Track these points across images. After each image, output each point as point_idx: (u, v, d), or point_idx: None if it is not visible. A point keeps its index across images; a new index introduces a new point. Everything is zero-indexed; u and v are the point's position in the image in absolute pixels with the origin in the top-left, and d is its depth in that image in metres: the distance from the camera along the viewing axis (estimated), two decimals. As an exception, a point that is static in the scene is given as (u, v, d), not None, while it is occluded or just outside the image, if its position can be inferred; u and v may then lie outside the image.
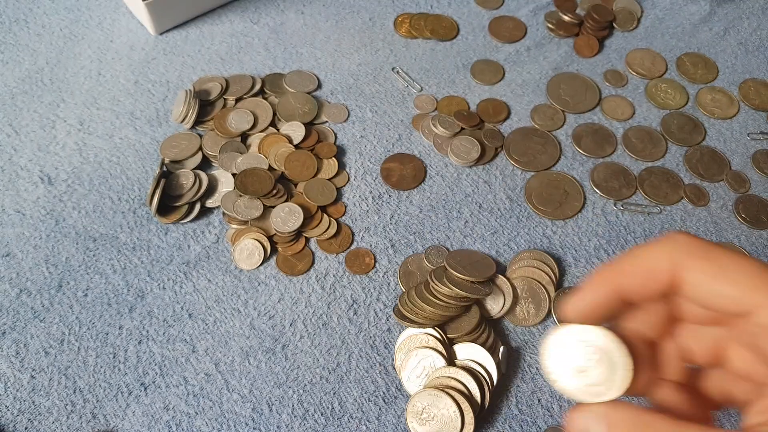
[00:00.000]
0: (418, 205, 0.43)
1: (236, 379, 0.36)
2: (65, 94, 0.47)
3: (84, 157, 0.44)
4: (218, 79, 0.48)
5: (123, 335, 0.37)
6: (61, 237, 0.40)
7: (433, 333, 0.36)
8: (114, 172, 0.43)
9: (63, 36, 0.51)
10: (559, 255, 0.41)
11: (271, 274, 0.40)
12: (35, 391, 0.35)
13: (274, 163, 0.43)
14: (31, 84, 0.48)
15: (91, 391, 0.35)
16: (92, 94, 0.47)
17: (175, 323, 0.37)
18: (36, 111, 0.46)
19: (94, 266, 0.39)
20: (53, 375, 0.35)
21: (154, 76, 0.49)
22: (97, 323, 0.37)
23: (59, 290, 0.38)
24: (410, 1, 0.55)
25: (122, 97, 0.47)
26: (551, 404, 0.36)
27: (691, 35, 0.55)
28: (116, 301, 0.38)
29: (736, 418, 0.35)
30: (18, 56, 0.49)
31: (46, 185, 0.43)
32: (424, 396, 0.33)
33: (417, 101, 0.48)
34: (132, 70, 0.49)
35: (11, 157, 0.44)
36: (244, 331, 0.37)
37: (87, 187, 0.43)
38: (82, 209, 0.42)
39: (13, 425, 0.34)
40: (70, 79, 0.48)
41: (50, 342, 0.36)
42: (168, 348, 0.36)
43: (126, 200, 0.42)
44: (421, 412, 0.33)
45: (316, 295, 0.39)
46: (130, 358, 0.36)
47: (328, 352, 0.37)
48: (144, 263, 0.40)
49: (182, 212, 0.41)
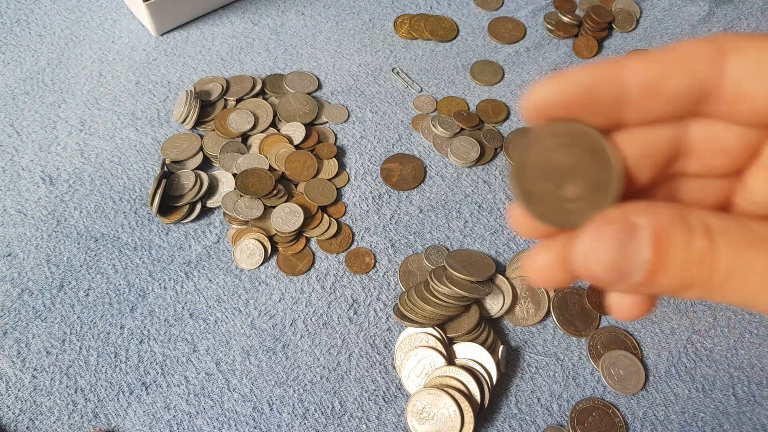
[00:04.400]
0: (418, 205, 0.43)
1: (237, 378, 0.36)
2: (66, 95, 0.47)
3: (85, 157, 0.44)
4: (219, 79, 0.48)
5: (124, 335, 0.37)
6: (62, 237, 0.40)
7: (433, 332, 0.36)
8: (115, 173, 0.43)
9: (64, 37, 0.51)
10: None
11: (271, 273, 0.40)
12: (37, 390, 0.35)
13: (274, 163, 0.43)
14: (32, 84, 0.48)
15: (93, 391, 0.35)
16: (93, 94, 0.47)
17: (176, 323, 0.38)
18: (37, 111, 0.46)
19: (95, 266, 0.39)
20: (55, 375, 0.35)
21: (155, 76, 0.49)
22: (98, 323, 0.37)
23: (61, 290, 0.38)
24: (410, 2, 0.56)
25: (123, 98, 0.47)
26: (551, 403, 0.36)
27: (690, 36, 0.55)
28: (117, 301, 0.38)
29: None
30: (19, 57, 0.50)
31: (47, 185, 0.43)
32: (424, 395, 0.33)
33: (417, 102, 0.48)
34: (133, 70, 0.49)
35: (13, 157, 0.44)
36: (244, 330, 0.38)
37: (88, 187, 0.43)
38: (84, 209, 0.42)
39: (14, 425, 0.34)
40: (72, 80, 0.48)
41: (52, 342, 0.37)
42: (169, 347, 0.37)
43: (127, 200, 0.42)
44: (421, 411, 0.33)
45: (316, 294, 0.39)
46: (132, 357, 0.36)
47: (329, 352, 0.37)
48: (145, 263, 0.40)
49: (183, 212, 0.41)
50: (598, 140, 0.15)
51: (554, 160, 0.15)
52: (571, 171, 0.15)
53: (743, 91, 0.14)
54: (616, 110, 0.15)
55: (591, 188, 0.15)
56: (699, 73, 0.14)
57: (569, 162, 0.15)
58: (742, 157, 0.16)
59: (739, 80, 0.14)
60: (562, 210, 0.15)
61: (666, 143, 0.16)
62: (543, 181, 0.15)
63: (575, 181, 0.15)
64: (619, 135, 0.16)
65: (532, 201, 0.15)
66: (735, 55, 0.14)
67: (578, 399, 0.36)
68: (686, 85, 0.14)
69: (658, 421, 0.35)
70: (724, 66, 0.14)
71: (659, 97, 0.15)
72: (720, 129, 0.15)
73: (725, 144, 0.15)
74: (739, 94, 0.14)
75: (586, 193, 0.15)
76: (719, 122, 0.15)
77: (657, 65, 0.14)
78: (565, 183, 0.15)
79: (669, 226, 0.13)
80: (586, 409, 0.35)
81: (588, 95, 0.15)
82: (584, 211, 0.15)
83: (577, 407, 0.35)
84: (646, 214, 0.13)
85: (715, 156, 0.16)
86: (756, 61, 0.14)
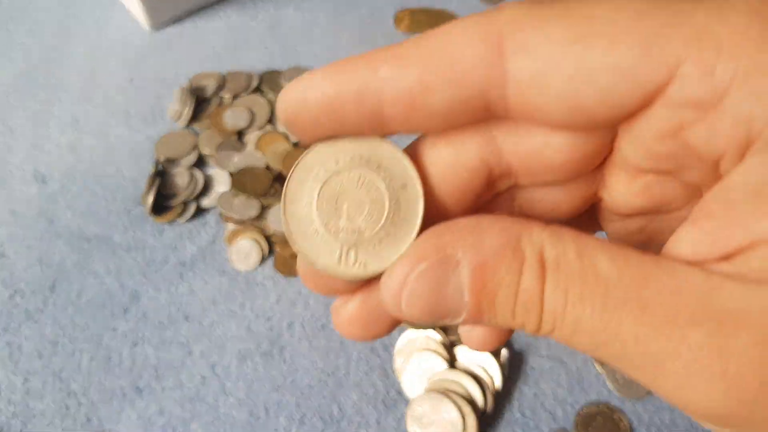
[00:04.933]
0: (419, 204, 0.42)
1: (233, 382, 0.35)
2: (59, 92, 0.47)
3: (78, 155, 0.43)
4: (214, 75, 0.47)
5: (117, 337, 0.36)
6: (54, 237, 0.40)
7: (434, 335, 0.35)
8: (108, 171, 0.43)
9: (57, 32, 0.50)
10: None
11: (268, 275, 0.39)
12: (29, 394, 0.34)
13: (271, 161, 0.42)
14: (24, 81, 0.47)
15: (86, 395, 0.34)
16: (86, 91, 0.47)
17: (170, 325, 0.37)
18: (29, 109, 0.46)
19: (88, 267, 0.39)
20: (47, 378, 0.35)
21: (148, 73, 0.48)
22: (91, 325, 0.37)
23: (53, 291, 0.38)
24: (410, -4, 0.55)
25: (116, 95, 0.47)
26: (555, 408, 0.35)
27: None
28: (110, 303, 0.37)
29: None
30: (11, 53, 0.49)
31: (39, 184, 0.42)
32: (425, 400, 0.33)
33: (417, 98, 0.47)
34: (126, 67, 0.48)
35: (4, 155, 0.43)
36: (240, 333, 0.37)
37: (81, 186, 0.42)
38: (76, 209, 0.41)
39: (7, 428, 0.33)
40: (64, 77, 0.47)
41: (44, 344, 0.36)
42: (163, 350, 0.36)
43: (120, 200, 0.41)
44: (422, 416, 0.32)
45: (314, 296, 0.38)
46: (125, 360, 0.35)
47: (327, 355, 0.36)
48: (139, 264, 0.39)
49: (178, 212, 0.40)
50: (392, 161, 0.12)
51: (341, 192, 0.12)
52: (362, 203, 0.12)
53: (531, 102, 0.11)
54: (378, 125, 0.12)
55: (392, 222, 0.12)
56: (471, 84, 0.11)
57: (360, 193, 0.12)
58: (584, 163, 0.12)
59: (523, 89, 0.11)
60: (358, 252, 0.12)
61: (474, 165, 0.12)
62: (329, 220, 0.12)
63: (370, 215, 0.12)
64: (423, 147, 0.13)
65: (318, 250, 0.12)
66: (515, 51, 0.11)
67: (583, 403, 0.35)
68: (457, 99, 0.11)
69: (664, 426, 0.35)
70: (504, 69, 0.11)
71: (424, 112, 0.11)
72: (539, 139, 0.12)
73: (548, 159, 0.12)
74: (529, 105, 0.11)
75: (387, 229, 0.12)
76: (537, 129, 0.12)
77: (414, 73, 0.11)
78: (356, 218, 0.12)
79: (494, 260, 0.11)
80: (590, 413, 0.35)
81: (333, 110, 0.11)
82: (385, 250, 0.12)
83: (582, 412, 0.35)
84: (468, 243, 0.11)
85: (541, 171, 0.12)
86: (540, 57, 0.10)
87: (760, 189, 0.10)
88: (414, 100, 0.11)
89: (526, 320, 0.11)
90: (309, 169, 0.12)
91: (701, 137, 0.11)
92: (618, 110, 0.11)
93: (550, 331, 0.11)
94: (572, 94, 0.10)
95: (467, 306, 0.11)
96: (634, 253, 0.10)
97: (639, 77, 0.10)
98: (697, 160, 0.11)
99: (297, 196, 0.12)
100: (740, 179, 0.10)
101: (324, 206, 0.12)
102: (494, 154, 0.12)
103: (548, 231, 0.11)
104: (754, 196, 0.10)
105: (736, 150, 0.10)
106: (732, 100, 0.10)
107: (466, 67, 0.11)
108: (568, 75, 0.10)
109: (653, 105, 0.11)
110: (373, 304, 0.13)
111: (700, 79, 0.10)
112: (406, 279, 0.11)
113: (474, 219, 0.11)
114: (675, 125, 0.11)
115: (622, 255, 0.10)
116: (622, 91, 0.10)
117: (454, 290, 0.11)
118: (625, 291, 0.10)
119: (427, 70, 0.11)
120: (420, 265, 0.11)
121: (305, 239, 0.12)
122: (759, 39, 0.10)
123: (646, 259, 0.10)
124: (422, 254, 0.11)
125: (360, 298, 0.13)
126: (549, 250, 0.10)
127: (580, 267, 0.10)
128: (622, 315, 0.10)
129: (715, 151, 0.11)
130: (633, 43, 0.10)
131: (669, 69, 0.10)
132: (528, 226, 0.11)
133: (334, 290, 0.13)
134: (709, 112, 0.10)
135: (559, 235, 0.11)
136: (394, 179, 0.12)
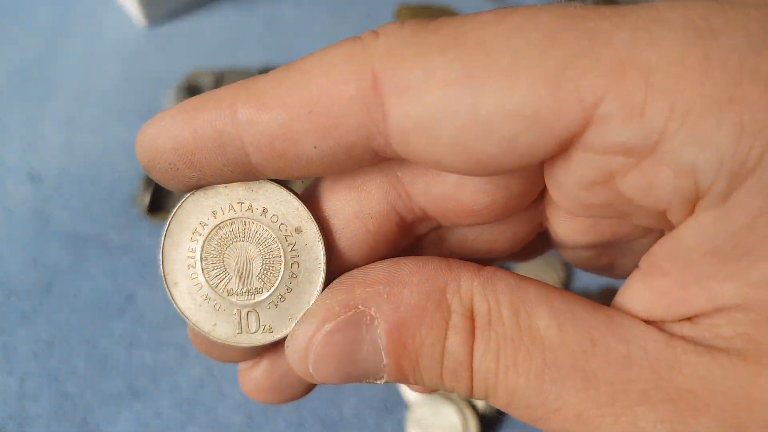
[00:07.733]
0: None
1: (230, 385, 0.35)
2: (54, 90, 0.46)
3: (73, 154, 0.43)
4: (211, 73, 0.46)
5: (113, 339, 0.36)
6: (49, 237, 0.39)
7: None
8: (104, 170, 0.42)
9: (51, 30, 0.50)
10: (564, 254, 0.40)
11: (266, 275, 0.39)
12: (25, 396, 0.34)
13: (269, 160, 0.42)
14: (18, 80, 0.47)
15: (81, 397, 0.34)
16: (81, 89, 0.46)
17: (166, 327, 0.36)
18: (24, 107, 0.45)
19: (83, 268, 0.38)
20: (42, 380, 0.35)
21: (144, 70, 0.47)
22: (87, 327, 0.36)
23: (48, 293, 0.37)
24: (410, -9, 0.54)
25: (112, 93, 0.46)
26: (556, 410, 0.35)
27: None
28: (106, 304, 0.37)
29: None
30: (5, 51, 0.48)
31: (34, 184, 0.42)
32: (426, 403, 0.32)
33: (417, 95, 0.47)
34: (122, 64, 0.48)
35: (-1, 155, 0.43)
36: (238, 334, 0.36)
37: (76, 185, 0.42)
38: (72, 209, 0.41)
39: (2, 431, 0.33)
40: (59, 75, 0.47)
41: (39, 346, 0.36)
42: (160, 352, 0.36)
43: (116, 199, 0.41)
44: (422, 420, 0.32)
45: (312, 297, 0.38)
46: (121, 363, 0.35)
47: (325, 357, 0.36)
48: (135, 264, 0.39)
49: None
50: (280, 203, 0.10)
51: (226, 248, 0.11)
52: (252, 258, 0.10)
53: (421, 152, 0.09)
54: (247, 172, 0.10)
55: (292, 275, 0.10)
56: (345, 132, 0.09)
57: (248, 247, 0.10)
58: (511, 203, 0.11)
59: (408, 138, 0.09)
60: (259, 315, 0.10)
61: (380, 210, 0.11)
62: (218, 283, 0.11)
63: (265, 271, 0.10)
64: (321, 190, 0.11)
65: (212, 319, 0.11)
66: (393, 93, 0.09)
67: (585, 405, 0.35)
68: (329, 150, 0.09)
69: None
70: (384, 114, 0.09)
71: (296, 162, 0.10)
72: (450, 182, 0.10)
73: (465, 202, 0.10)
74: (419, 155, 0.09)
75: (287, 283, 0.10)
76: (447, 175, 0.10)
77: (274, 118, 0.09)
78: (249, 276, 0.10)
79: (413, 317, 0.09)
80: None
81: (191, 157, 0.10)
82: (291, 308, 0.10)
83: (584, 414, 0.34)
84: (382, 298, 0.09)
85: (461, 216, 0.11)
86: (424, 102, 0.08)
87: (718, 250, 0.09)
88: (278, 149, 0.09)
89: (455, 386, 0.09)
90: (185, 227, 0.10)
91: (638, 188, 0.09)
92: (528, 159, 0.09)
93: (485, 398, 0.09)
94: (468, 144, 0.08)
95: (387, 368, 0.09)
96: (582, 307, 0.09)
97: (547, 123, 0.08)
98: (638, 209, 0.10)
99: (176, 263, 0.10)
100: (694, 238, 0.09)
101: (210, 269, 0.10)
102: (402, 198, 0.11)
103: (480, 278, 0.09)
104: (712, 257, 0.09)
105: (682, 203, 0.09)
106: (670, 146, 0.08)
107: (336, 111, 0.09)
108: (460, 123, 0.08)
109: (571, 151, 0.09)
110: (283, 367, 0.11)
111: (625, 120, 0.08)
112: (311, 341, 0.09)
113: (391, 265, 0.09)
114: (603, 173, 0.09)
115: (568, 312, 0.09)
116: (529, 140, 0.08)
117: (371, 350, 0.09)
118: (568, 359, 0.08)
119: (289, 115, 0.09)
120: (326, 326, 0.09)
121: (198, 309, 0.10)
122: (698, 67, 0.08)
123: (596, 316, 0.09)
124: (327, 313, 0.10)
125: (267, 362, 0.11)
126: (480, 303, 0.09)
127: (515, 326, 0.08)
128: (563, 389, 0.08)
129: (656, 204, 0.09)
130: (537, 80, 0.08)
131: (584, 110, 0.08)
132: (456, 272, 0.09)
133: (232, 359, 0.11)
134: (643, 160, 0.09)
135: (492, 283, 0.09)
136: (286, 224, 0.10)
